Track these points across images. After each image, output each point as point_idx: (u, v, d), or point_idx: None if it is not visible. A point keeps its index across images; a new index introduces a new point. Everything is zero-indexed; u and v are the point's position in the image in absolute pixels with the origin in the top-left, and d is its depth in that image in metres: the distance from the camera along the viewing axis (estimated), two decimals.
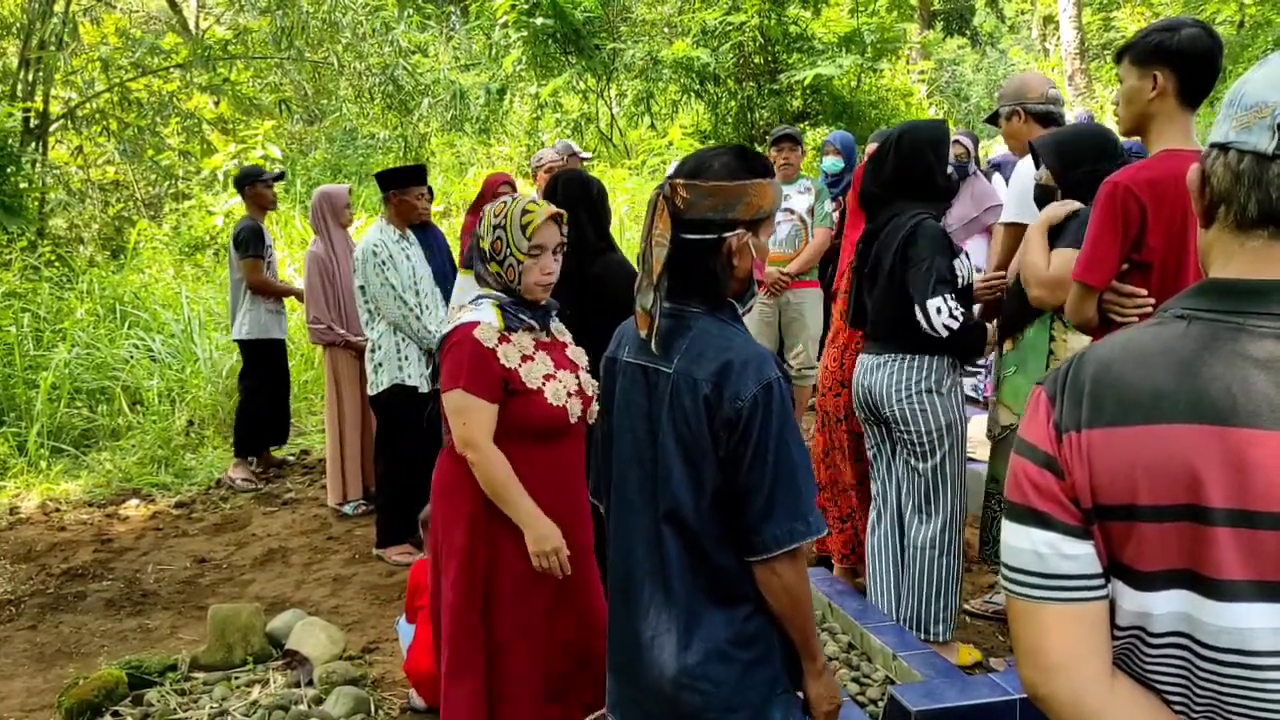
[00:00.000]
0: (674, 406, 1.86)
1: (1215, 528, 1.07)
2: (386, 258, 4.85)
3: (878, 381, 3.55)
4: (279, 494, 6.21)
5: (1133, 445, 1.12)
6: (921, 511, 3.58)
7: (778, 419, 1.79)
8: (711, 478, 1.83)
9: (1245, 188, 1.14)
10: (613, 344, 2.10)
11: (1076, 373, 1.19)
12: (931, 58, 19.66)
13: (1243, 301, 1.13)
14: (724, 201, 1.85)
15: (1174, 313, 1.18)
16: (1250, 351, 1.10)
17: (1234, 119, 1.15)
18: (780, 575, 1.82)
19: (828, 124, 13.46)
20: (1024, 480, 1.20)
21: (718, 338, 1.87)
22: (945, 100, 18.44)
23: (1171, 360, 1.13)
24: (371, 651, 4.02)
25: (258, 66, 13.33)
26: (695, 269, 1.89)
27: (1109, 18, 18.25)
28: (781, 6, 13.05)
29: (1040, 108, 3.78)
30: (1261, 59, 1.20)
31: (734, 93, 14.13)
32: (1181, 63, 2.60)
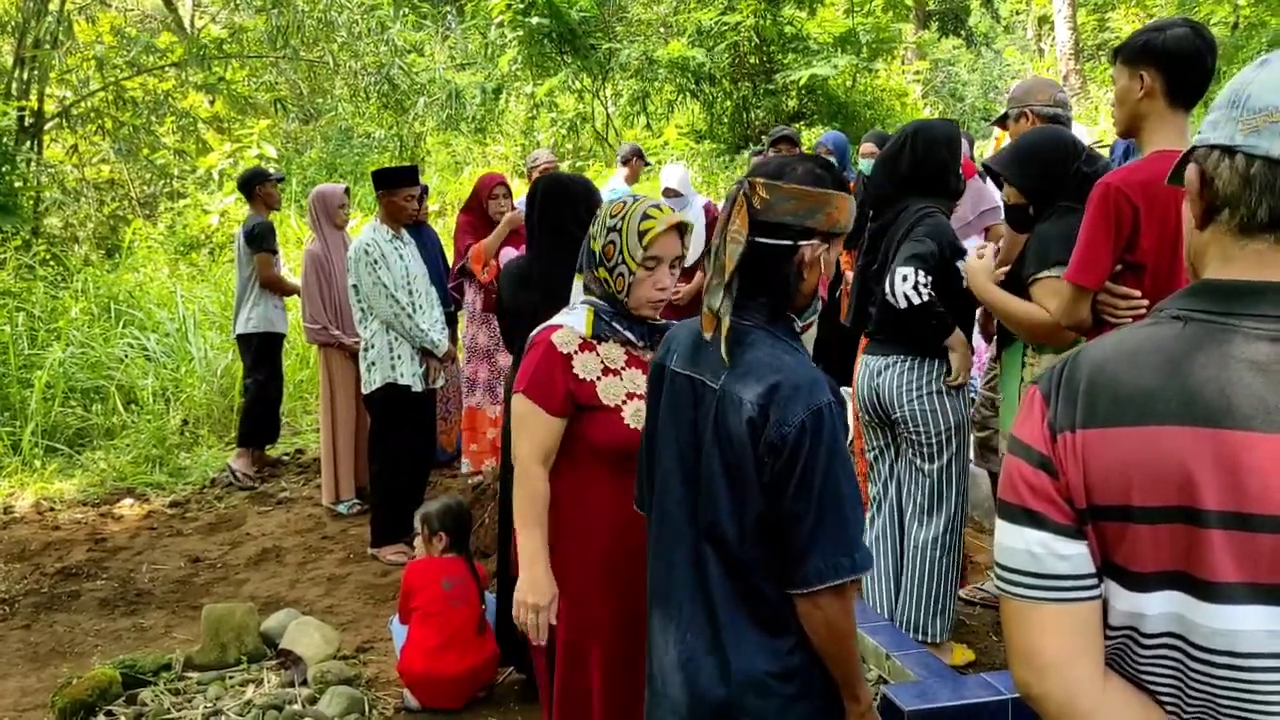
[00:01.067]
0: (719, 424, 1.76)
1: (1209, 530, 1.07)
2: (379, 257, 4.84)
3: (886, 382, 3.54)
4: (273, 493, 6.20)
5: (1126, 446, 1.12)
6: (925, 512, 3.59)
7: (827, 447, 1.68)
8: (755, 502, 1.73)
9: (1256, 193, 1.13)
10: (661, 349, 2.00)
11: (1071, 372, 1.19)
12: (927, 58, 19.65)
13: (1239, 303, 1.13)
14: (806, 208, 1.76)
15: (1169, 313, 1.18)
16: (1245, 353, 1.10)
17: (1240, 122, 1.14)
18: (824, 609, 1.72)
19: (823, 124, 13.48)
20: (1018, 480, 1.20)
21: (769, 356, 1.75)
22: (940, 101, 18.43)
23: (1165, 361, 1.13)
24: (365, 651, 4.02)
25: (253, 65, 13.32)
26: (765, 275, 1.78)
27: (1104, 18, 18.27)
28: (777, 6, 13.07)
29: (1048, 110, 3.80)
30: (1260, 59, 1.19)
31: (729, 93, 14.15)
32: (1168, 62, 2.60)
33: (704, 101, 14.41)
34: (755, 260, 1.77)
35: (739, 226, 1.75)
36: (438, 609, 3.52)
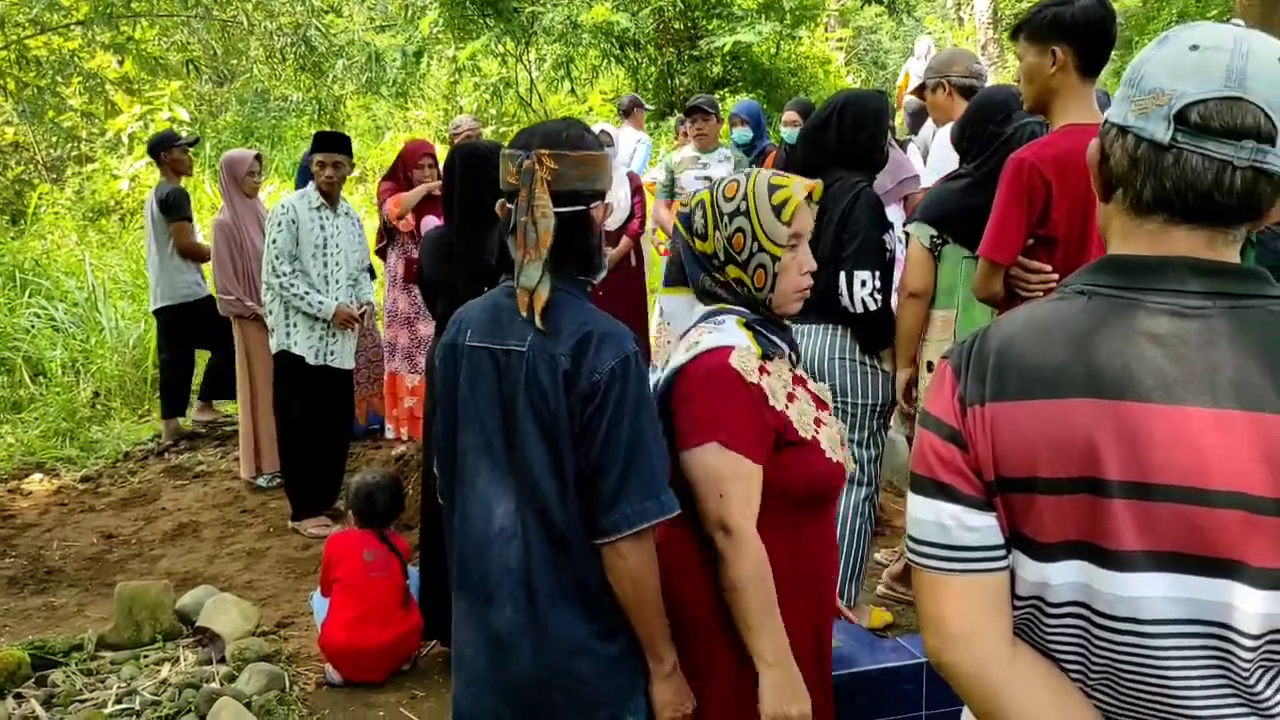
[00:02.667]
0: (530, 385, 1.78)
1: (1112, 500, 1.10)
2: (288, 221, 4.73)
3: (815, 349, 3.55)
4: (190, 466, 6.07)
5: (1034, 419, 1.14)
6: (849, 480, 3.63)
7: (634, 394, 1.75)
8: (571, 460, 1.77)
9: (1141, 174, 1.16)
10: (450, 330, 1.96)
11: (981, 347, 1.21)
12: (849, 25, 19.77)
13: (1140, 278, 1.16)
14: (593, 172, 1.83)
15: (1075, 288, 1.21)
16: (1146, 327, 1.13)
17: (1133, 101, 1.16)
18: (625, 559, 1.75)
19: (747, 91, 13.48)
20: (929, 453, 1.22)
21: (575, 311, 1.81)
22: (863, 68, 18.60)
23: (1071, 335, 1.16)
24: (286, 626, 3.97)
25: (163, 24, 12.85)
26: (568, 242, 1.82)
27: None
28: None
29: (965, 81, 3.88)
30: (1162, 34, 1.21)
31: (654, 59, 14.07)
32: (1078, 35, 2.63)
33: (629, 67, 14.31)
34: (565, 227, 1.80)
35: (544, 201, 1.78)
36: (358, 581, 3.49)
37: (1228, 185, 1.11)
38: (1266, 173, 1.11)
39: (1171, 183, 1.13)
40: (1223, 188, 1.11)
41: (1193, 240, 1.16)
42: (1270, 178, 1.11)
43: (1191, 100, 1.11)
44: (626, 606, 1.80)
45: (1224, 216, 1.14)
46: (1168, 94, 1.12)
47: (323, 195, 4.86)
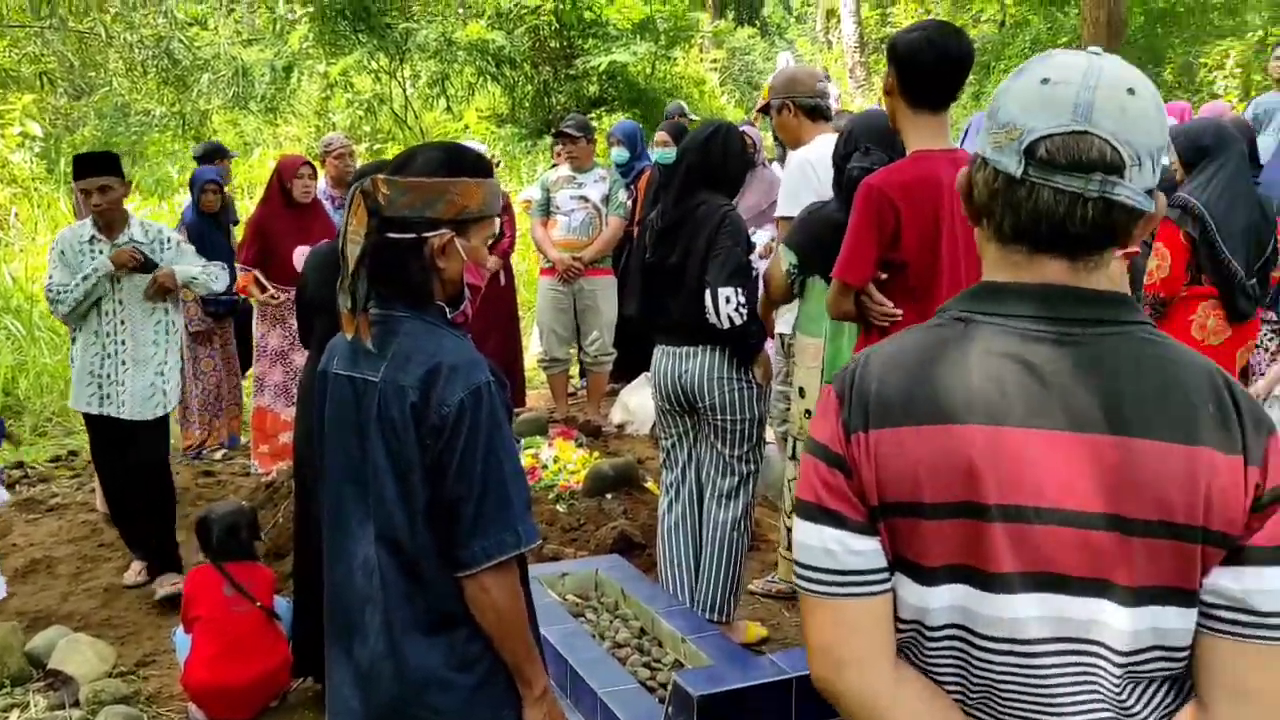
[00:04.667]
0: (382, 418, 1.76)
1: (991, 523, 1.12)
2: (57, 254, 4.27)
3: (693, 370, 3.60)
4: (43, 499, 5.76)
5: (916, 444, 1.16)
6: (726, 496, 3.69)
7: (487, 426, 1.74)
8: (422, 489, 1.76)
9: (1000, 206, 1.18)
10: (324, 356, 1.96)
11: (863, 373, 1.22)
12: (723, 46, 20.13)
13: (1012, 305, 1.18)
14: (422, 199, 1.78)
15: (952, 314, 1.23)
16: (1020, 352, 1.15)
17: (991, 134, 1.19)
18: (488, 591, 1.75)
19: (624, 110, 13.59)
20: (815, 479, 1.22)
21: (426, 342, 1.80)
22: (737, 88, 18.93)
23: (949, 361, 1.18)
24: (147, 665, 3.81)
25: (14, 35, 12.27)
26: (399, 269, 1.80)
27: (885, 13, 19.21)
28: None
29: (809, 101, 3.87)
30: (1019, 66, 1.22)
31: (531, 77, 14.07)
32: (899, 64, 2.66)
33: (505, 85, 14.27)
34: (390, 255, 1.79)
35: (355, 227, 1.77)
36: (220, 615, 3.37)
37: (1079, 216, 1.13)
38: (1117, 203, 1.13)
39: (1027, 214, 1.15)
40: (1075, 219, 1.13)
41: (1057, 267, 1.18)
42: (1121, 208, 1.14)
43: (1040, 135, 1.13)
44: (492, 635, 1.79)
45: (1082, 245, 1.17)
46: (1019, 128, 1.15)
47: (97, 226, 4.28)
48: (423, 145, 1.90)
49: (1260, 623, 1.13)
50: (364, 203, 1.77)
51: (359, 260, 1.77)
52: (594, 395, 6.64)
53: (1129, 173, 1.13)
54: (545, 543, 4.36)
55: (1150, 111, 1.15)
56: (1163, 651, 1.15)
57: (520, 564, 1.84)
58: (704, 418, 3.67)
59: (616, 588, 3.64)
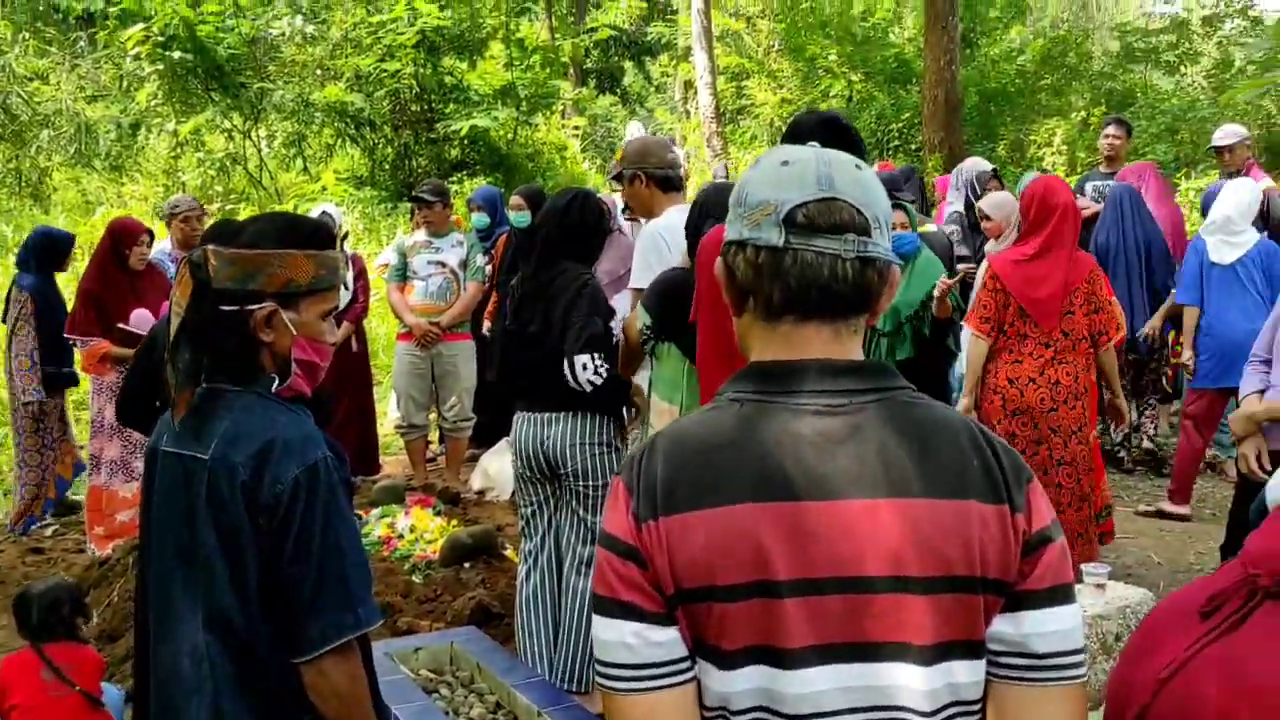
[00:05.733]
0: (212, 497, 1.69)
1: (783, 600, 1.14)
2: None
3: (555, 437, 3.59)
4: None
5: (705, 528, 1.17)
6: (586, 564, 3.67)
7: (324, 504, 1.69)
8: (255, 573, 1.69)
9: (767, 279, 1.23)
10: (155, 434, 1.89)
11: (649, 460, 1.23)
12: (585, 113, 20.44)
13: (783, 382, 1.23)
14: (243, 271, 1.73)
15: (728, 396, 1.26)
16: (795, 428, 1.19)
17: (745, 218, 1.25)
18: (328, 676, 1.69)
19: (485, 174, 13.62)
20: (609, 572, 1.22)
21: (259, 417, 1.74)
22: (599, 154, 19.22)
23: (730, 443, 1.20)
24: None
25: None
26: (223, 342, 1.76)
27: (741, 86, 19.86)
28: (437, 56, 13.09)
29: (661, 172, 3.93)
30: (756, 160, 1.32)
31: (391, 139, 13.97)
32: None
33: (364, 147, 14.13)
34: (217, 328, 1.75)
35: (179, 298, 1.74)
36: (39, 703, 3.15)
37: (841, 275, 1.21)
38: (871, 260, 1.22)
39: (795, 280, 1.21)
40: (837, 278, 1.21)
41: (822, 336, 1.24)
42: (874, 265, 1.23)
43: (795, 204, 1.21)
44: None
45: (844, 307, 1.24)
46: (774, 203, 1.22)
47: None
48: (262, 214, 1.86)
49: (1040, 664, 1.19)
50: (192, 274, 1.72)
51: (179, 333, 1.72)
52: (453, 461, 6.55)
53: (874, 234, 1.23)
54: (399, 615, 4.24)
55: (876, 184, 1.26)
56: (961, 706, 1.19)
57: (362, 644, 1.78)
58: (566, 484, 3.66)
59: (472, 661, 3.56)
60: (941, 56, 13.18)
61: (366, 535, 5.11)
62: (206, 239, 1.78)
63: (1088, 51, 16.72)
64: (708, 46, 17.57)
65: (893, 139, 15.59)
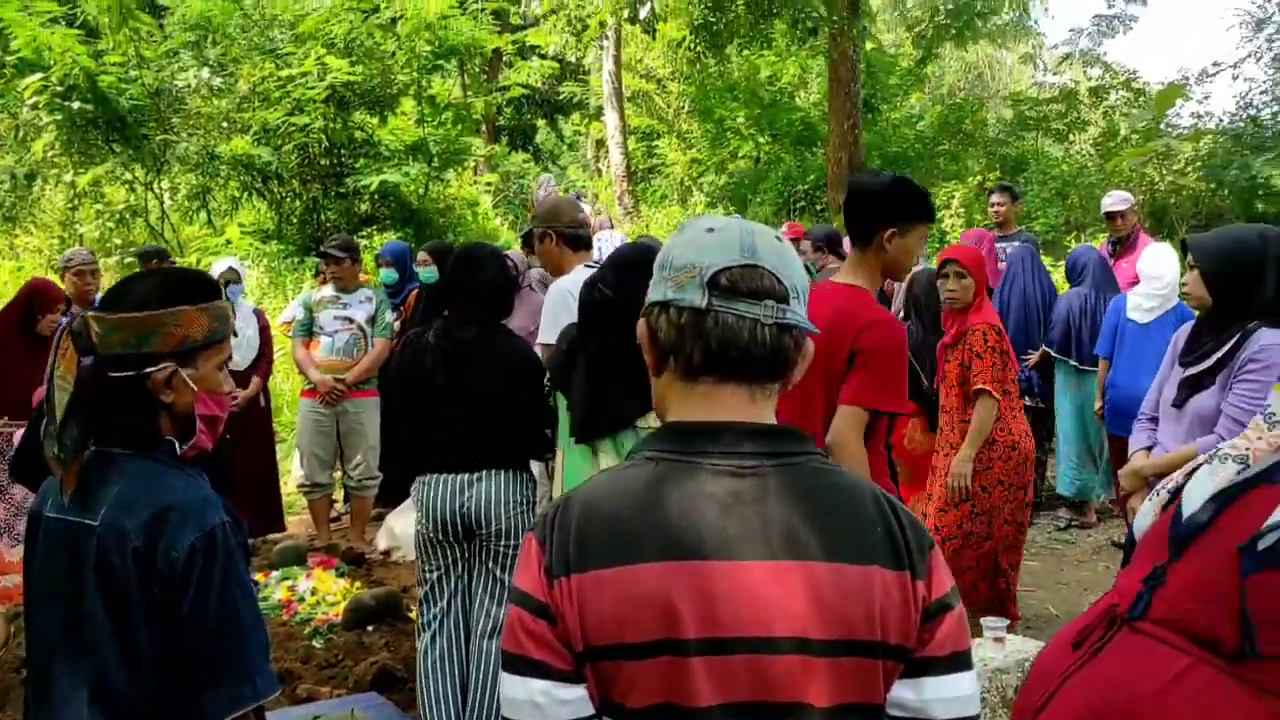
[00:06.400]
0: (101, 566, 1.63)
1: (690, 659, 1.15)
2: None
3: (476, 496, 3.53)
4: None
5: (616, 586, 1.18)
6: (501, 626, 3.60)
7: (221, 571, 1.64)
8: (146, 644, 1.63)
9: (689, 339, 1.26)
10: (37, 500, 1.83)
11: (563, 517, 1.24)
12: (498, 170, 20.51)
13: (698, 441, 1.25)
14: (136, 334, 1.68)
15: (644, 455, 1.28)
16: (708, 488, 1.21)
17: (669, 280, 1.28)
18: None
19: (396, 229, 13.53)
20: (519, 629, 1.22)
21: (152, 482, 1.69)
22: (511, 211, 19.27)
23: (643, 501, 1.22)
24: None
25: None
26: (121, 410, 1.71)
27: (651, 145, 20.19)
28: (347, 111, 13.03)
29: (570, 231, 4.00)
30: (680, 225, 1.37)
31: (299, 193, 13.80)
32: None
33: (271, 200, 13.93)
34: (108, 394, 1.71)
35: (64, 372, 1.68)
36: None
37: (760, 339, 1.25)
38: (789, 328, 1.26)
39: (715, 341, 1.25)
40: (756, 342, 1.25)
41: (739, 398, 1.28)
42: (791, 332, 1.27)
43: (719, 268, 1.25)
44: None
45: (761, 371, 1.28)
46: (698, 267, 1.26)
47: None
48: (139, 275, 1.81)
49: None
50: (74, 344, 1.67)
51: (69, 408, 1.65)
52: (358, 521, 6.41)
53: (792, 303, 1.27)
54: (299, 682, 4.11)
55: (795, 256, 1.31)
56: None
57: (258, 715, 1.73)
58: (485, 545, 3.60)
59: None
60: (845, 121, 13.62)
61: (266, 599, 4.97)
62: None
63: (983, 119, 17.40)
64: (619, 107, 17.86)
65: (799, 200, 15.97)
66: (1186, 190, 12.67)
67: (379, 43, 13.21)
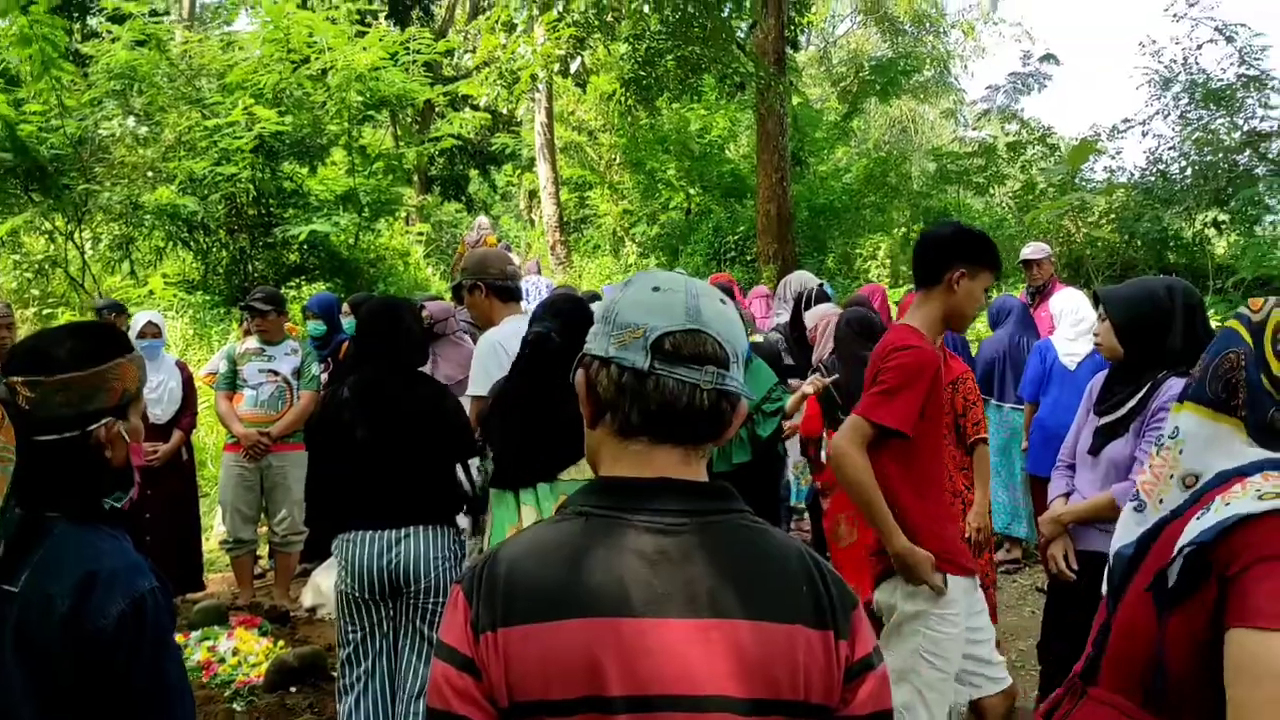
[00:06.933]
0: (21, 633, 1.57)
1: (615, 716, 1.16)
2: None
3: (405, 553, 3.47)
4: None
5: (541, 641, 1.18)
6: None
7: (150, 639, 1.60)
8: (71, 715, 1.57)
9: (628, 399, 1.27)
10: None
11: (490, 571, 1.24)
12: (430, 220, 20.46)
13: (629, 498, 1.26)
14: (80, 394, 1.64)
15: (574, 509, 1.28)
16: (635, 545, 1.22)
17: (613, 337, 1.29)
18: None
19: (325, 279, 13.40)
20: (444, 685, 1.21)
21: (80, 546, 1.63)
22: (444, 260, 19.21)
23: (570, 556, 1.22)
24: None
25: None
26: (63, 470, 1.65)
27: (584, 196, 20.33)
28: (276, 161, 12.93)
29: (499, 283, 4.00)
30: (627, 279, 1.37)
31: (226, 243, 13.62)
32: None
33: (197, 250, 13.71)
34: (42, 459, 1.64)
35: (4, 442, 1.61)
36: None
37: (698, 404, 1.26)
38: (726, 393, 1.27)
39: (655, 404, 1.26)
40: (694, 406, 1.26)
41: (672, 459, 1.29)
42: (728, 397, 1.28)
43: (664, 331, 1.26)
44: None
45: (697, 434, 1.29)
46: (642, 327, 1.27)
47: None
48: (51, 333, 1.74)
49: None
50: (9, 412, 1.60)
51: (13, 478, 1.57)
52: (282, 578, 6.26)
53: (731, 368, 1.29)
54: None
55: (737, 319, 1.33)
56: None
57: None
58: (410, 602, 3.53)
59: None
60: (773, 173, 13.88)
61: (185, 660, 4.82)
62: (8, 371, 1.67)
63: (907, 172, 17.86)
64: (551, 158, 17.97)
65: (730, 250, 16.18)
66: (1101, 241, 13.08)
67: (309, 93, 13.16)
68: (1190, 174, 12.81)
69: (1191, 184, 12.57)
